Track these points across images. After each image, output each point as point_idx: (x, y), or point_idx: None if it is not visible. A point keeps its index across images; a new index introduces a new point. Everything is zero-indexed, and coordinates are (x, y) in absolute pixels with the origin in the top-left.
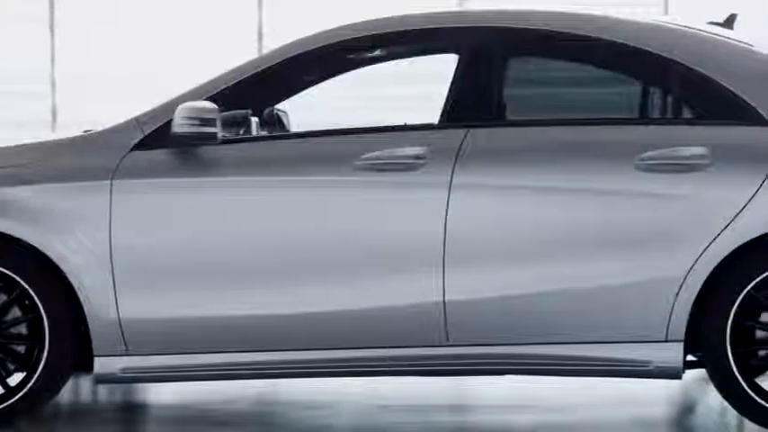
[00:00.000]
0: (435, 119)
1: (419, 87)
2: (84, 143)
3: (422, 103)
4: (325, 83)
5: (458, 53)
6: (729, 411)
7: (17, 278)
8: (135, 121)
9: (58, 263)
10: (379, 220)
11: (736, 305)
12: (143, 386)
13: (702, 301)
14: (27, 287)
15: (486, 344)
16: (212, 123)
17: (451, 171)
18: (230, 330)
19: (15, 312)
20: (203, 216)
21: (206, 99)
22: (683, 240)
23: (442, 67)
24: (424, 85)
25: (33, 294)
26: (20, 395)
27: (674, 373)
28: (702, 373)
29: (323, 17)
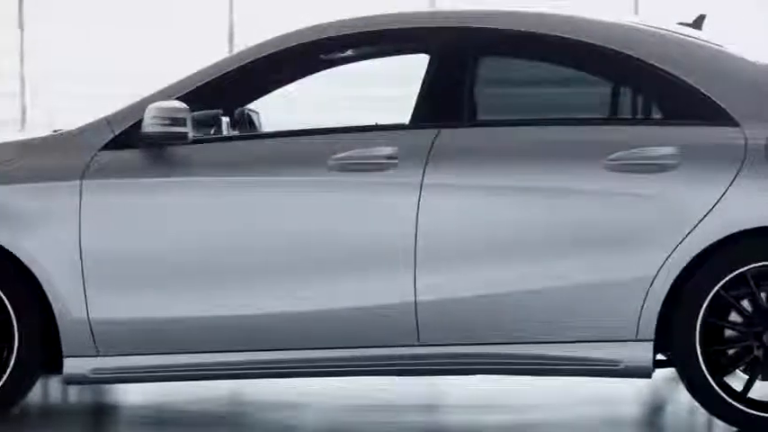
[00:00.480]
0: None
1: (402, 88)
2: (54, 143)
3: (403, 104)
4: (298, 83)
5: (428, 53)
6: (699, 410)
7: None
8: (105, 121)
9: (27, 263)
10: (350, 221)
11: (706, 304)
12: (113, 387)
13: (672, 301)
14: None
15: (457, 343)
16: (183, 123)
17: (422, 171)
18: (201, 331)
19: None
20: (174, 216)
21: (176, 98)
22: (652, 240)
23: (423, 67)
24: (407, 86)
25: (2, 295)
26: None
27: (644, 373)
28: (672, 372)
29: (294, 18)
